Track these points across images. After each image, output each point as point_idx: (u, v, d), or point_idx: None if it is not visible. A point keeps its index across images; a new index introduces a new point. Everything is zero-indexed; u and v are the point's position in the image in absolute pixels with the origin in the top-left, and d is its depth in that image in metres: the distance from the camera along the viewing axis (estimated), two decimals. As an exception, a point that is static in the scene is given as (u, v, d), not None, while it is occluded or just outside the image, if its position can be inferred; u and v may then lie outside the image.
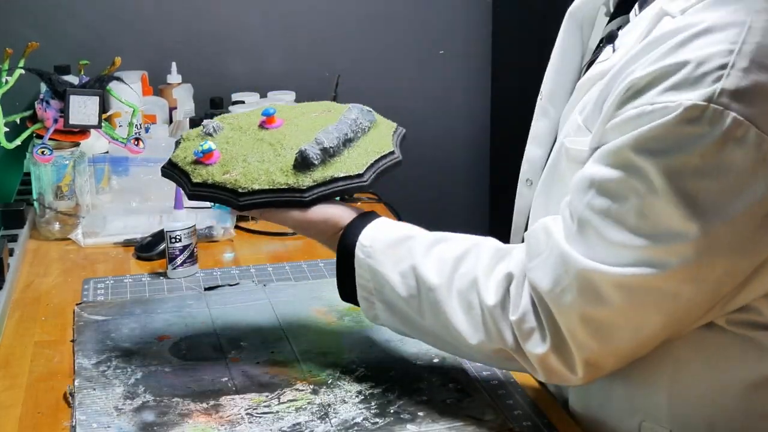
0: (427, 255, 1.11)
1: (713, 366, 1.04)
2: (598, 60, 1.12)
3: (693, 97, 0.92)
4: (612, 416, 1.11)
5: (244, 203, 1.17)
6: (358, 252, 1.14)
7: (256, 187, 1.17)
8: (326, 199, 1.17)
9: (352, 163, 1.20)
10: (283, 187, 1.16)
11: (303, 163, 1.17)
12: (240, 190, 1.16)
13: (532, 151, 1.28)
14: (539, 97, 1.28)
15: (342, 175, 1.18)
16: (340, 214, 1.17)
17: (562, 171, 1.11)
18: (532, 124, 1.29)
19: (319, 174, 1.17)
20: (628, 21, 1.13)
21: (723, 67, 0.92)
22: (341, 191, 1.18)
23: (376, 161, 1.21)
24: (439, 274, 1.09)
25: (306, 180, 1.16)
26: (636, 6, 1.12)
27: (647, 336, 1.01)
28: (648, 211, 0.95)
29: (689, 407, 1.06)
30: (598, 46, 1.22)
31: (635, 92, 0.96)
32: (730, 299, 0.99)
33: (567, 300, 0.99)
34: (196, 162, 1.21)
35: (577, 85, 1.13)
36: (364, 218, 1.17)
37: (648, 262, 0.96)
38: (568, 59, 1.24)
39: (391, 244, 1.13)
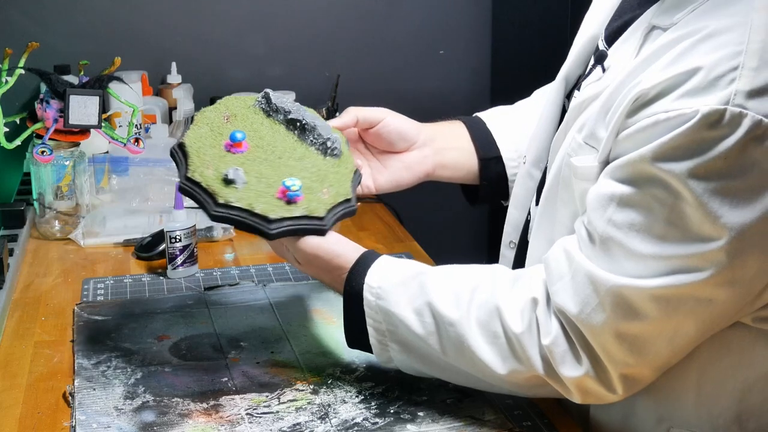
0: (440, 289, 1.09)
1: (739, 364, 1.04)
2: (587, 81, 1.11)
3: (709, 101, 0.92)
4: (637, 427, 1.10)
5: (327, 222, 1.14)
6: (367, 294, 1.12)
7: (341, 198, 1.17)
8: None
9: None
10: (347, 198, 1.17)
11: (332, 150, 1.22)
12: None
13: (513, 213, 1.28)
14: (522, 161, 1.27)
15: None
16: (348, 251, 1.15)
17: (563, 198, 1.10)
18: (514, 188, 1.28)
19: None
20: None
21: (734, 69, 0.92)
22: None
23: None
24: (457, 308, 1.07)
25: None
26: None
27: (681, 344, 1.00)
28: (676, 220, 0.94)
29: (718, 408, 1.06)
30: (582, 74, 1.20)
31: (646, 102, 0.96)
32: (758, 297, 0.99)
33: (598, 319, 0.99)
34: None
35: (570, 107, 1.12)
36: (367, 259, 1.14)
37: (681, 270, 0.95)
38: (550, 120, 1.23)
39: (400, 283, 1.11)
